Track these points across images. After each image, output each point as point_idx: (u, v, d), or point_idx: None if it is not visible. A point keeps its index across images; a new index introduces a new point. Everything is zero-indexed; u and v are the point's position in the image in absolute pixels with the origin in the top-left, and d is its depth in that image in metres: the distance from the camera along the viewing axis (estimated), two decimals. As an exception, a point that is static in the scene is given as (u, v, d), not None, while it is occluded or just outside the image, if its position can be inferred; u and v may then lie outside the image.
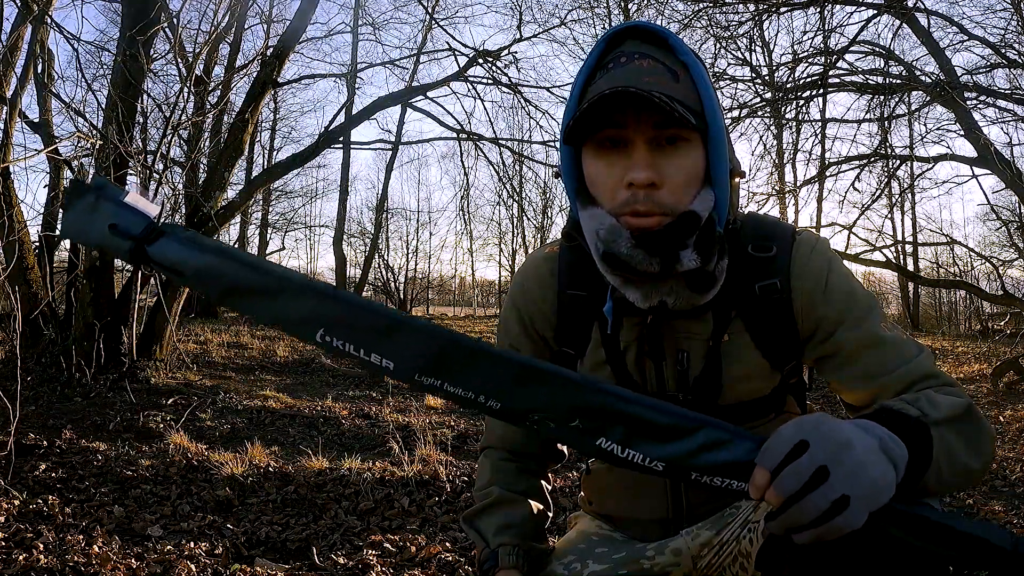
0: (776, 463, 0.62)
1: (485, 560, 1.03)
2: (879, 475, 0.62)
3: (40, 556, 1.99)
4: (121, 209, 0.74)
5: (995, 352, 8.24)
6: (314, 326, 0.69)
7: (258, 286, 0.71)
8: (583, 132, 0.88)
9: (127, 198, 0.74)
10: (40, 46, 5.94)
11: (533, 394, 0.67)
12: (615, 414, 0.66)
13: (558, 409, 0.67)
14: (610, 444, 0.67)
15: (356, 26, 17.36)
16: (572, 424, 0.67)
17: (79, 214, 0.75)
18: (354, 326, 0.68)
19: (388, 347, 0.68)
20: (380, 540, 2.31)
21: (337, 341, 0.69)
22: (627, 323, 0.97)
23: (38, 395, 4.80)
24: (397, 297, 24.43)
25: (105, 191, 0.75)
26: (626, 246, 0.85)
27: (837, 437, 0.61)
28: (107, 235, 0.73)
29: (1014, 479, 3.22)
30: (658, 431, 0.66)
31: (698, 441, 0.66)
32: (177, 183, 7.25)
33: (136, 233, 0.73)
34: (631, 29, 0.90)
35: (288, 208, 23.79)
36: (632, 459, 0.67)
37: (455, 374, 0.67)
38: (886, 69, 6.06)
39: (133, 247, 0.73)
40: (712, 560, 1.00)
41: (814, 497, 0.60)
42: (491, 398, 0.68)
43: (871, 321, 0.90)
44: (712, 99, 0.87)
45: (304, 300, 0.69)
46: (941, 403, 0.78)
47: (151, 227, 0.73)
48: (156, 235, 0.73)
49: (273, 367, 7.27)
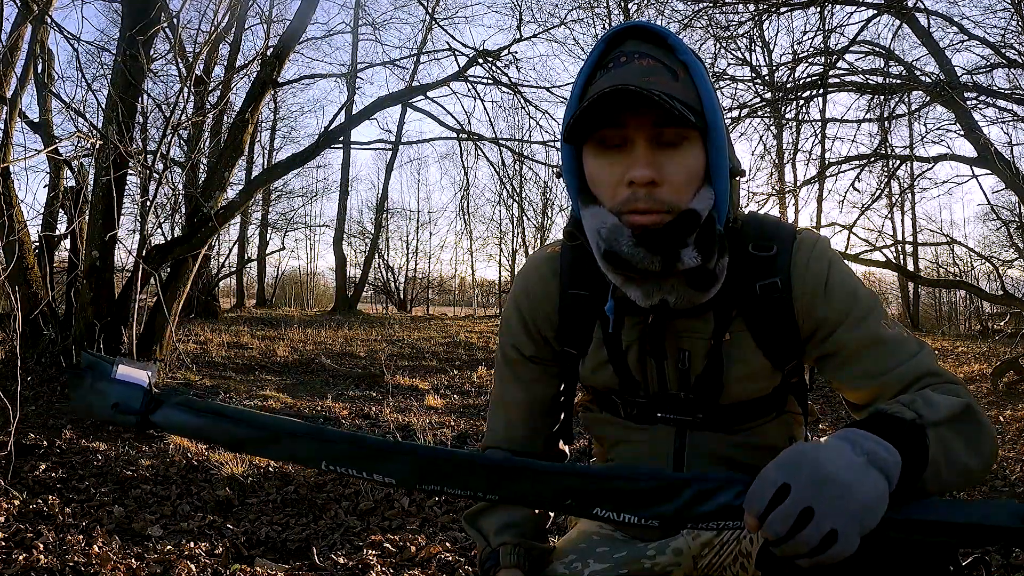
0: (762, 509, 0.63)
1: (486, 559, 1.04)
2: (868, 495, 0.62)
3: (40, 556, 1.99)
4: (116, 386, 0.83)
5: (995, 352, 8.24)
6: (317, 460, 0.79)
7: (257, 438, 0.81)
8: (584, 131, 0.88)
9: (118, 373, 0.84)
10: (40, 46, 5.94)
11: (519, 487, 0.76)
12: (599, 492, 0.73)
13: (547, 495, 0.75)
14: (605, 512, 0.73)
15: (356, 26, 17.41)
16: (566, 503, 0.74)
17: (84, 394, 0.84)
18: (350, 456, 0.78)
19: (386, 468, 0.77)
20: (380, 540, 2.31)
21: (340, 468, 0.78)
22: (628, 322, 0.97)
23: (38, 395, 4.79)
24: (397, 297, 24.46)
25: (98, 371, 0.84)
26: (627, 244, 0.85)
27: (816, 474, 0.62)
28: (113, 413, 0.83)
29: (1014, 479, 3.23)
30: (645, 497, 0.72)
31: (686, 497, 0.70)
32: (177, 183, 7.26)
33: (137, 408, 0.83)
34: (631, 29, 0.90)
35: (288, 208, 23.84)
36: (628, 521, 0.72)
37: (449, 481, 0.77)
38: (886, 69, 6.06)
39: (138, 420, 0.83)
40: (713, 560, 1.00)
41: (803, 536, 0.61)
42: (488, 493, 0.76)
43: (872, 320, 0.89)
44: (712, 98, 0.87)
45: (301, 442, 0.79)
46: (939, 403, 0.77)
47: (148, 399, 0.83)
48: (155, 406, 0.83)
49: (273, 367, 7.27)
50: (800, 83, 6.27)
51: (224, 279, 18.38)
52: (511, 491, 0.76)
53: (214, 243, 12.64)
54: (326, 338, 10.15)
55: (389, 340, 10.41)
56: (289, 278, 28.87)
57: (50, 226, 6.32)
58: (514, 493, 0.76)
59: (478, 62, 8.27)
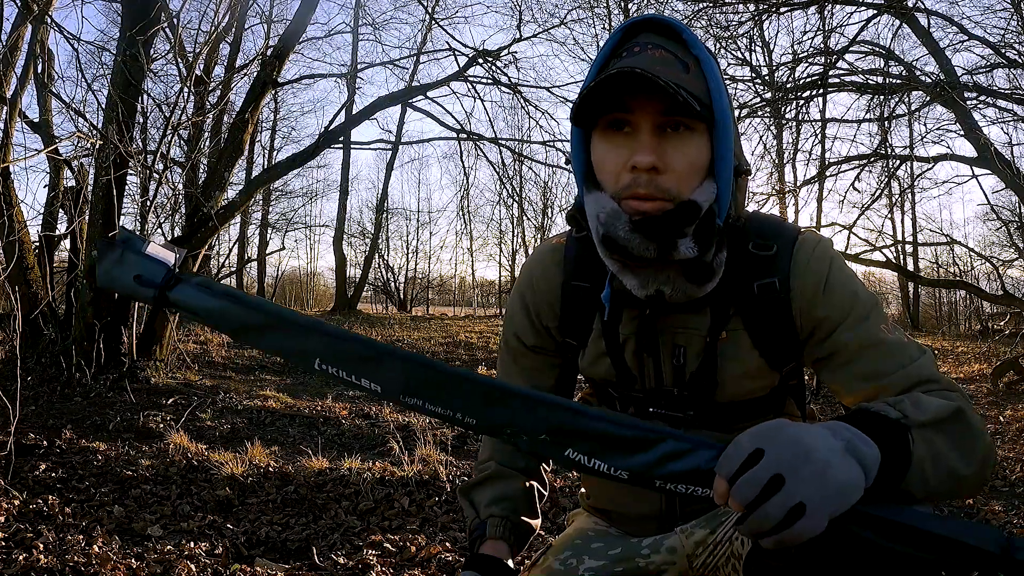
0: (732, 472, 0.63)
1: (474, 530, 1.06)
2: (842, 479, 0.61)
3: (40, 556, 1.99)
4: (144, 260, 0.85)
5: (995, 352, 8.24)
6: (311, 356, 0.79)
7: (263, 323, 0.82)
8: (592, 113, 0.89)
9: (148, 249, 0.85)
10: (40, 46, 5.94)
11: (502, 412, 0.75)
12: (578, 430, 0.72)
13: (526, 425, 0.74)
14: (577, 455, 0.72)
15: (356, 26, 17.39)
16: (541, 438, 0.73)
17: (109, 265, 0.85)
18: (344, 356, 0.78)
19: (375, 373, 0.77)
20: (380, 540, 2.32)
21: (331, 368, 0.78)
22: (626, 316, 0.98)
23: (38, 395, 4.79)
24: (397, 297, 24.45)
25: (130, 244, 0.85)
26: (624, 230, 0.86)
27: (794, 445, 0.61)
28: (133, 285, 0.84)
29: (1014, 479, 3.22)
30: (622, 443, 0.71)
31: (660, 452, 0.70)
32: (177, 183, 7.25)
33: (157, 281, 0.84)
34: (647, 21, 0.91)
35: (288, 208, 23.81)
36: (598, 468, 0.72)
37: (433, 395, 0.76)
38: (886, 69, 6.06)
39: (156, 294, 0.83)
40: (707, 560, 1.00)
41: (769, 506, 0.60)
42: (467, 415, 0.75)
43: (872, 323, 0.89)
44: (721, 93, 0.88)
45: (302, 335, 0.80)
46: (927, 405, 0.77)
47: (170, 275, 0.84)
48: (175, 282, 0.84)
49: (273, 367, 7.27)
50: (800, 83, 6.28)
51: (224, 279, 18.38)
52: (490, 417, 0.75)
53: (214, 243, 12.64)
54: (326, 338, 10.13)
55: (389, 340, 10.41)
56: (289, 278, 28.85)
57: (50, 226, 6.33)
58: (492, 420, 0.75)
59: (478, 62, 8.27)
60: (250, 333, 0.82)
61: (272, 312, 0.82)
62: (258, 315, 0.81)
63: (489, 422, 0.75)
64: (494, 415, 0.75)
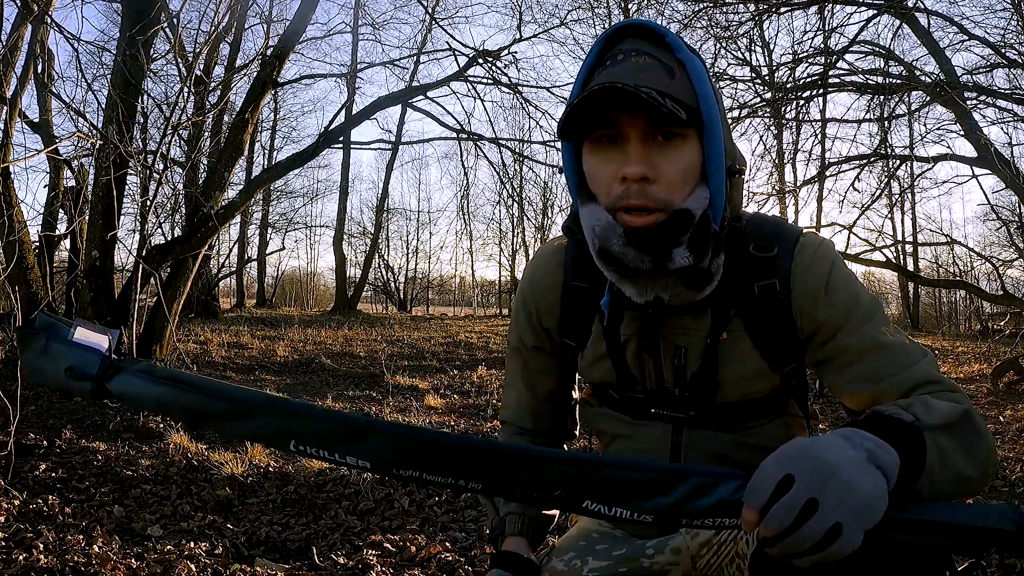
0: (763, 501, 0.62)
1: (495, 528, 1.08)
2: (870, 492, 0.61)
3: (40, 556, 1.99)
4: (72, 349, 0.75)
5: (995, 352, 8.24)
6: (285, 438, 0.72)
7: (224, 411, 0.73)
8: (580, 128, 0.89)
9: (76, 335, 0.76)
10: (40, 46, 5.94)
11: (509, 475, 0.69)
12: (592, 481, 0.68)
13: (536, 484, 0.69)
14: (596, 505, 0.68)
15: (356, 26, 17.41)
16: (556, 494, 0.69)
17: (33, 358, 0.76)
18: (322, 435, 0.71)
19: (360, 449, 0.70)
20: (380, 540, 2.31)
21: (311, 449, 0.71)
22: (627, 317, 0.98)
23: (38, 395, 4.79)
24: (397, 297, 24.46)
25: (53, 332, 0.76)
26: (618, 243, 0.87)
27: (822, 465, 0.61)
28: (66, 379, 0.75)
29: (1014, 479, 3.23)
30: (639, 488, 0.67)
31: (683, 491, 0.67)
32: (177, 183, 7.26)
33: (93, 373, 0.75)
34: (630, 27, 0.91)
35: (288, 208, 23.87)
36: (620, 515, 0.68)
37: (429, 465, 0.70)
38: (886, 69, 6.06)
39: (94, 387, 0.75)
40: (711, 560, 1.00)
41: (807, 530, 0.60)
42: (471, 481, 0.70)
43: (873, 325, 0.89)
44: (709, 96, 0.87)
45: (269, 417, 0.72)
46: (937, 408, 0.77)
47: (105, 363, 0.75)
48: (112, 372, 0.75)
49: (273, 367, 7.27)
50: (800, 83, 6.27)
51: (224, 279, 18.40)
52: (496, 481, 0.70)
53: (214, 243, 12.64)
54: (326, 338, 10.15)
55: (389, 340, 10.41)
56: (289, 278, 28.90)
57: (50, 226, 6.33)
58: (500, 483, 0.70)
59: (478, 62, 8.27)
60: (208, 420, 0.74)
61: (223, 394, 0.73)
62: (210, 400, 0.73)
63: (496, 484, 0.70)
64: (501, 478, 0.70)
